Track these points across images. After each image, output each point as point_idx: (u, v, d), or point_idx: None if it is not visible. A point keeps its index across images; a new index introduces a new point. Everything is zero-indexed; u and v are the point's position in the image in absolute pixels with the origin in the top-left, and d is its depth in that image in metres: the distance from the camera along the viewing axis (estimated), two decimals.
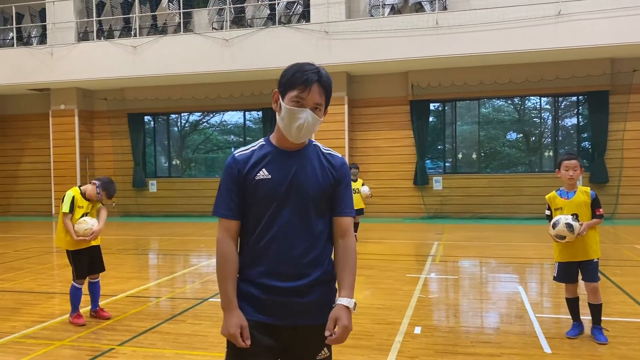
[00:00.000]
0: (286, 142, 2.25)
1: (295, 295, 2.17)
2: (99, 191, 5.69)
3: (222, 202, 2.24)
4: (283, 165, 2.22)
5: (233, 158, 2.27)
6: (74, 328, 5.50)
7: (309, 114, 2.16)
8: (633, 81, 15.29)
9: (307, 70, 2.17)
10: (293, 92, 2.16)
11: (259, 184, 2.19)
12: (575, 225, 4.70)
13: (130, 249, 11.20)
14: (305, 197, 2.20)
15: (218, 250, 2.23)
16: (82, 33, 18.82)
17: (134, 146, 19.30)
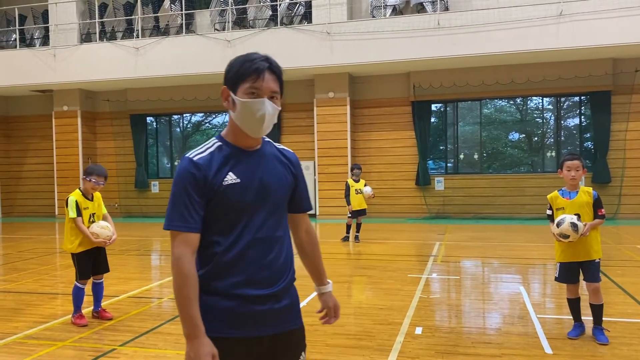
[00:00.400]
0: (244, 140, 2.08)
1: (273, 301, 2.06)
2: (89, 179, 5.69)
3: (180, 214, 1.97)
4: (249, 167, 2.06)
5: (192, 162, 2.01)
6: (76, 329, 5.53)
7: (267, 104, 2.02)
8: (635, 81, 15.28)
9: (255, 59, 2.04)
10: (246, 83, 2.01)
11: (229, 190, 2.00)
12: (579, 225, 4.71)
13: (133, 250, 11.23)
14: (275, 198, 2.10)
15: (178, 269, 1.94)
16: (84, 34, 18.87)
17: (137, 147, 19.35)
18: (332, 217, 16.31)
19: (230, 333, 1.99)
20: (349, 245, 11.46)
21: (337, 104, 16.89)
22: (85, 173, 5.77)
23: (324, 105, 16.96)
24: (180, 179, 2.00)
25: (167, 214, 2.01)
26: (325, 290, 2.35)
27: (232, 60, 2.09)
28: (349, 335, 5.20)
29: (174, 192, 2.01)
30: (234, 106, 2.05)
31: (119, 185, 19.40)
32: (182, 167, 2.02)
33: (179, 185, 2.00)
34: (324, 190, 16.93)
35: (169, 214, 2.01)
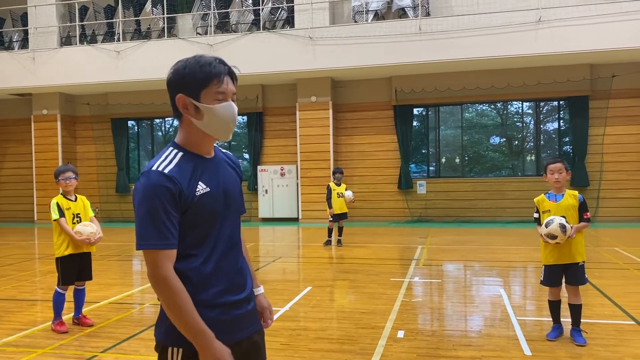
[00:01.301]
0: (203, 147, 2.04)
1: (246, 304, 2.10)
2: (59, 180, 5.67)
3: (158, 231, 1.87)
4: (213, 175, 2.03)
5: (163, 175, 1.89)
6: (57, 335, 5.46)
7: (234, 107, 2.01)
8: (612, 87, 15.58)
9: (211, 62, 1.97)
10: (210, 89, 1.95)
11: (202, 200, 1.95)
12: (568, 227, 4.79)
13: (114, 255, 11.12)
14: (236, 204, 2.12)
15: (168, 287, 1.86)
16: (64, 38, 18.68)
17: (118, 151, 19.19)
18: (315, 221, 16.33)
19: None
20: (331, 249, 11.49)
21: (320, 108, 16.94)
22: (55, 177, 5.76)
23: (307, 110, 17.00)
24: (154, 194, 1.87)
25: (141, 233, 1.89)
26: (259, 292, 2.31)
27: (180, 66, 1.99)
28: (332, 339, 5.22)
29: (148, 209, 1.87)
30: (200, 113, 1.97)
31: (100, 189, 19.22)
32: (154, 181, 1.89)
33: (153, 201, 1.87)
34: (307, 194, 16.95)
35: (143, 232, 1.89)
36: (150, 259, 1.89)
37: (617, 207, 15.60)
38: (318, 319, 5.92)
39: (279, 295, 6.95)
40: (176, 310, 1.87)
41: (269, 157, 18.20)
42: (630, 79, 15.52)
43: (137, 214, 1.92)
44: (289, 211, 17.75)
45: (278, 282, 8.22)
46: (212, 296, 1.98)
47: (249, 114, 18.09)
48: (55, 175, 5.76)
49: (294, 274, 9.16)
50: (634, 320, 5.66)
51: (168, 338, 1.97)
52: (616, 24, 13.87)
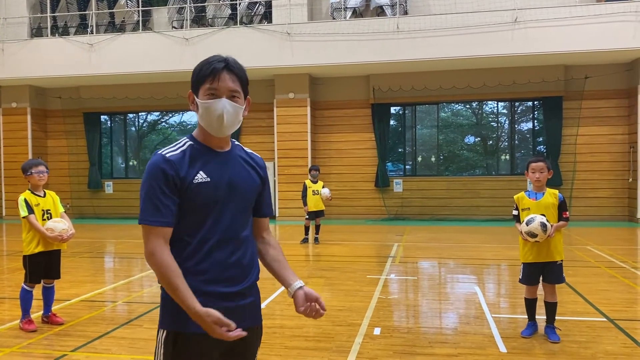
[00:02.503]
0: (213, 141, 2.14)
1: (240, 298, 2.12)
2: (31, 173, 5.50)
3: (153, 208, 2.00)
4: (219, 167, 2.11)
5: (164, 158, 2.04)
6: (25, 334, 5.31)
7: (225, 103, 2.07)
8: (585, 88, 15.85)
9: (212, 61, 2.10)
10: (205, 85, 2.09)
11: (199, 188, 2.04)
12: (548, 226, 4.82)
13: (85, 252, 10.89)
14: (243, 199, 2.16)
15: (157, 262, 1.98)
16: (35, 29, 18.24)
17: (90, 146, 18.81)
18: (292, 219, 16.26)
19: (198, 329, 2.00)
20: (308, 247, 11.45)
21: (298, 105, 16.87)
22: (24, 171, 5.56)
23: (284, 106, 16.91)
24: (151, 174, 2.03)
25: (141, 208, 2.03)
26: (300, 284, 2.23)
27: (196, 65, 2.15)
28: (308, 337, 5.17)
29: (147, 187, 2.03)
30: (198, 108, 2.12)
31: (72, 185, 18.81)
32: (153, 163, 2.04)
33: (152, 179, 2.02)
34: (284, 192, 16.87)
35: (142, 208, 2.03)
36: (143, 234, 2.04)
37: (589, 206, 15.90)
38: (294, 317, 5.87)
39: None
40: (163, 282, 2.00)
41: None
42: (603, 81, 15.81)
43: (140, 192, 2.08)
44: None
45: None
46: (198, 283, 2.03)
47: None
48: (26, 168, 5.57)
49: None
50: (605, 318, 5.74)
51: (160, 321, 2.13)
52: (590, 26, 14.12)
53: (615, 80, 15.81)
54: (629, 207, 15.77)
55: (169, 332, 2.07)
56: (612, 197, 16.03)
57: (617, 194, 16.00)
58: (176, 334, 2.05)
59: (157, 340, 2.12)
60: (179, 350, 2.05)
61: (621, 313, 5.95)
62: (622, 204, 15.97)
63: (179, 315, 2.03)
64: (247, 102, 2.20)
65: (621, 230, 14.13)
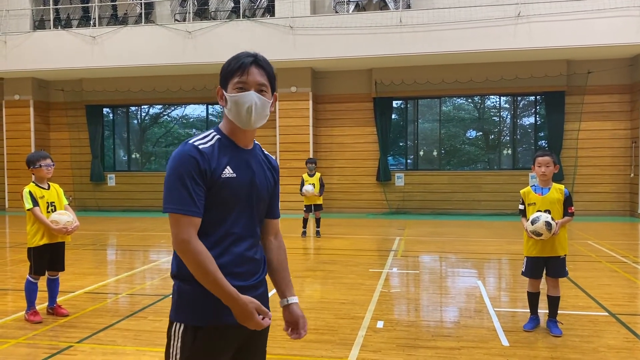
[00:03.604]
0: (240, 137, 2.17)
1: (253, 290, 2.14)
2: (38, 166, 5.51)
3: (184, 196, 1.96)
4: (243, 164, 2.14)
5: (196, 149, 2.03)
6: (30, 325, 5.34)
7: (254, 95, 2.10)
8: (587, 82, 15.83)
9: (241, 57, 2.13)
10: (233, 79, 2.11)
11: (226, 183, 2.05)
12: (553, 224, 4.83)
13: (89, 245, 10.94)
14: (261, 199, 2.19)
15: (192, 250, 1.95)
16: (37, 21, 18.22)
17: (92, 139, 18.83)
18: (294, 212, 16.28)
19: (217, 321, 2.03)
20: (310, 240, 11.49)
21: (300, 99, 16.86)
22: (31, 164, 5.56)
23: (286, 100, 16.90)
24: (183, 162, 2.00)
25: (168, 197, 1.99)
26: (294, 301, 2.30)
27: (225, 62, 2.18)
28: (311, 329, 5.21)
29: (177, 175, 1.99)
30: (226, 103, 2.13)
31: (74, 177, 18.85)
32: (185, 151, 2.02)
33: (182, 168, 1.99)
34: (286, 185, 16.84)
35: (170, 196, 1.99)
36: (172, 223, 1.99)
37: (590, 201, 15.91)
38: None
39: None
40: (200, 272, 1.96)
41: None
42: (605, 76, 15.79)
43: (166, 180, 2.03)
44: None
45: None
46: None
47: None
48: (32, 161, 5.58)
49: None
50: (607, 312, 5.77)
51: (174, 314, 2.08)
52: (593, 21, 14.08)
53: (617, 76, 15.78)
54: (630, 202, 15.78)
55: (188, 326, 2.04)
56: (614, 192, 16.04)
57: (618, 189, 16.01)
58: (196, 328, 2.03)
59: (171, 333, 2.08)
60: (199, 344, 2.04)
61: (623, 307, 5.98)
62: (624, 199, 15.98)
63: (199, 308, 2.03)
64: (274, 98, 2.22)
65: (622, 225, 14.15)
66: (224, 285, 1.96)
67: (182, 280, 2.06)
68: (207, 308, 2.03)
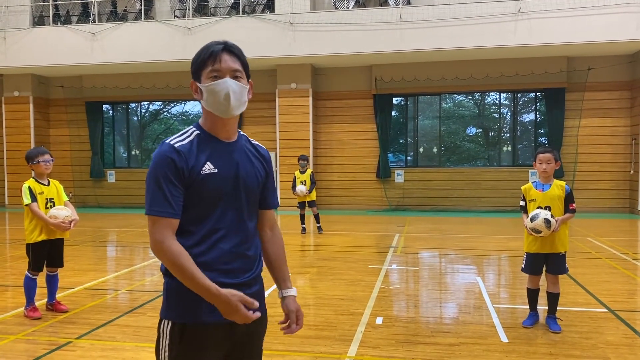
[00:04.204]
0: (221, 130, 2.11)
1: (245, 288, 2.07)
2: (37, 161, 5.50)
3: (161, 199, 1.95)
4: (226, 158, 2.08)
5: (172, 148, 2.00)
6: (30, 322, 5.35)
7: (230, 82, 2.04)
8: (588, 79, 15.81)
9: (211, 45, 2.09)
10: (206, 69, 2.06)
11: (206, 179, 2.00)
12: (552, 221, 4.82)
13: (88, 241, 10.94)
14: (249, 191, 2.13)
15: (166, 250, 1.93)
16: (37, 17, 18.18)
17: (92, 135, 18.82)
18: (294, 209, 16.27)
19: (205, 319, 2.00)
20: (309, 237, 11.49)
21: (300, 95, 16.85)
22: (30, 160, 5.56)
23: (286, 96, 16.89)
24: (160, 165, 1.98)
25: (148, 199, 1.98)
26: (289, 294, 2.28)
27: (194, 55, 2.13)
28: (311, 325, 5.21)
29: (154, 177, 1.98)
30: (202, 94, 2.08)
31: (74, 174, 18.85)
32: (162, 152, 1.99)
33: (159, 169, 1.97)
34: (285, 182, 16.88)
35: (148, 198, 1.98)
36: (149, 224, 1.98)
37: (590, 197, 15.91)
38: None
39: None
40: (176, 270, 1.94)
41: None
42: (605, 72, 15.77)
43: (146, 182, 2.02)
44: None
45: None
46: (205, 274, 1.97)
47: None
48: (31, 157, 5.57)
49: None
50: (606, 308, 5.77)
51: (163, 312, 2.07)
52: (593, 17, 14.06)
53: (618, 72, 15.76)
54: (630, 198, 15.78)
55: (175, 324, 2.01)
56: (613, 188, 16.04)
57: (618, 185, 16.01)
58: (183, 326, 2.00)
59: (160, 331, 2.06)
60: (187, 342, 2.01)
61: (622, 304, 5.98)
62: (623, 195, 15.98)
63: (186, 306, 2.00)
64: (250, 85, 2.17)
65: (622, 221, 14.15)
66: (202, 281, 1.92)
67: (170, 277, 2.03)
68: (194, 306, 1.99)
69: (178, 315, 2.01)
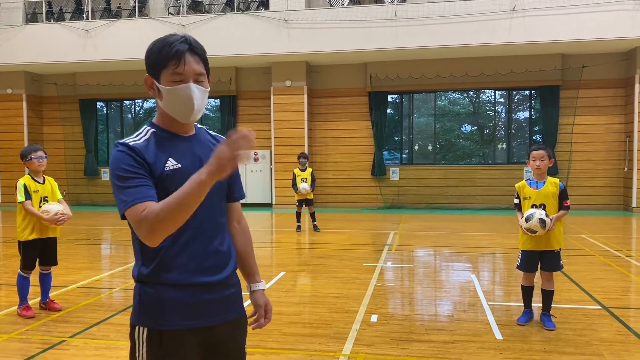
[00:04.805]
0: (178, 126, 2.00)
1: (222, 288, 2.02)
2: (30, 158, 5.46)
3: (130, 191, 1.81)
4: (187, 152, 1.97)
5: (127, 146, 1.90)
6: (23, 320, 5.32)
7: (194, 88, 1.92)
8: (582, 77, 15.84)
9: (173, 42, 1.92)
10: (168, 70, 1.91)
11: (171, 175, 1.90)
12: (547, 221, 4.83)
13: (82, 239, 10.89)
14: (217, 186, 1.95)
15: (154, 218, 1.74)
16: (30, 14, 18.07)
17: (86, 133, 18.74)
18: (289, 207, 16.27)
19: (182, 324, 1.94)
20: (305, 235, 11.48)
21: (295, 93, 16.82)
22: (23, 157, 5.53)
23: (281, 94, 16.85)
24: (119, 162, 1.87)
25: (119, 199, 1.84)
26: (257, 287, 2.24)
27: (150, 45, 1.97)
28: (305, 323, 5.21)
29: (116, 176, 1.86)
30: (160, 94, 1.96)
31: (68, 172, 18.76)
32: (118, 151, 1.90)
33: (120, 168, 1.86)
34: (280, 180, 16.87)
35: (120, 197, 1.83)
36: (132, 219, 1.81)
37: (584, 195, 15.96)
38: (292, 304, 5.91)
39: None
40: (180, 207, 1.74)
41: None
42: (600, 70, 15.81)
43: (112, 185, 1.90)
44: (263, 197, 17.65)
45: None
46: (178, 276, 1.93)
47: (222, 97, 17.84)
48: (25, 154, 5.54)
49: (267, 259, 9.11)
50: (600, 305, 5.79)
51: (136, 317, 1.97)
52: (587, 15, 14.09)
53: (612, 70, 15.81)
54: (624, 196, 15.85)
55: (152, 330, 1.93)
56: (608, 186, 16.10)
57: (612, 183, 16.07)
58: (160, 332, 1.92)
59: (135, 338, 1.96)
60: (165, 348, 1.92)
61: (615, 301, 6.00)
62: (618, 193, 16.05)
63: (162, 311, 1.92)
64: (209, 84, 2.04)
65: (616, 219, 14.21)
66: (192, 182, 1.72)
67: (144, 283, 1.96)
68: (170, 311, 1.92)
69: (154, 322, 1.93)
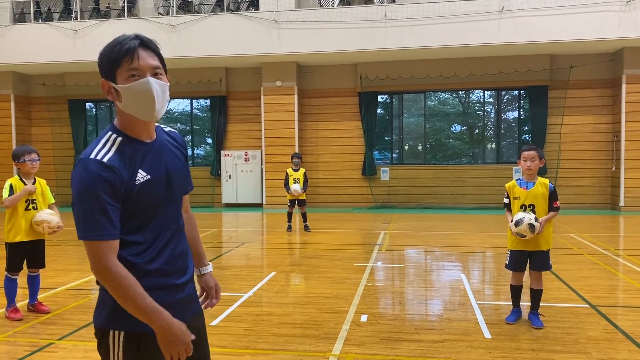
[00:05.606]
0: (142, 131, 1.94)
1: (189, 286, 2.09)
2: (23, 160, 5.40)
3: (99, 221, 1.78)
4: (155, 161, 1.95)
5: (102, 165, 1.81)
6: (10, 323, 5.28)
7: (152, 82, 1.87)
8: (570, 77, 15.98)
9: (124, 40, 1.88)
10: (122, 68, 1.86)
11: (142, 188, 1.88)
12: (536, 226, 4.86)
13: (71, 241, 10.82)
14: (179, 188, 2.07)
15: (112, 276, 1.79)
16: (17, 14, 17.92)
17: (75, 134, 18.62)
18: (279, 207, 16.27)
19: None
20: (295, 235, 11.48)
21: (285, 93, 16.81)
22: (16, 158, 5.45)
23: (272, 94, 16.85)
24: (91, 185, 1.79)
25: (82, 223, 1.81)
26: (206, 271, 2.34)
27: (101, 50, 1.93)
28: (295, 324, 5.21)
29: (87, 200, 1.79)
30: (119, 96, 1.89)
31: (57, 173, 18.62)
32: (93, 171, 1.80)
33: (91, 191, 1.78)
34: (271, 180, 16.86)
35: (84, 223, 1.80)
36: (91, 250, 1.82)
37: (573, 194, 16.10)
38: (282, 304, 5.91)
39: (242, 281, 6.90)
40: (125, 297, 1.81)
41: (232, 142, 17.99)
42: (588, 70, 15.95)
43: (76, 205, 1.83)
44: (253, 197, 17.63)
45: (242, 268, 8.17)
46: (154, 281, 1.94)
47: (213, 98, 17.80)
48: (17, 155, 5.45)
49: (257, 259, 9.11)
50: (588, 304, 5.85)
51: (109, 322, 1.93)
52: (575, 16, 14.21)
53: (599, 70, 15.95)
54: (612, 195, 16.00)
55: (129, 334, 1.90)
56: (596, 185, 16.25)
57: (600, 182, 16.22)
58: (140, 335, 1.89)
59: (109, 343, 1.93)
60: (144, 351, 1.90)
61: (603, 299, 6.06)
62: (606, 192, 16.20)
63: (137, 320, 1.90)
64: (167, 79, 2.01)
65: (604, 218, 14.34)
66: (151, 306, 1.82)
67: None
68: None
69: (131, 325, 1.89)
